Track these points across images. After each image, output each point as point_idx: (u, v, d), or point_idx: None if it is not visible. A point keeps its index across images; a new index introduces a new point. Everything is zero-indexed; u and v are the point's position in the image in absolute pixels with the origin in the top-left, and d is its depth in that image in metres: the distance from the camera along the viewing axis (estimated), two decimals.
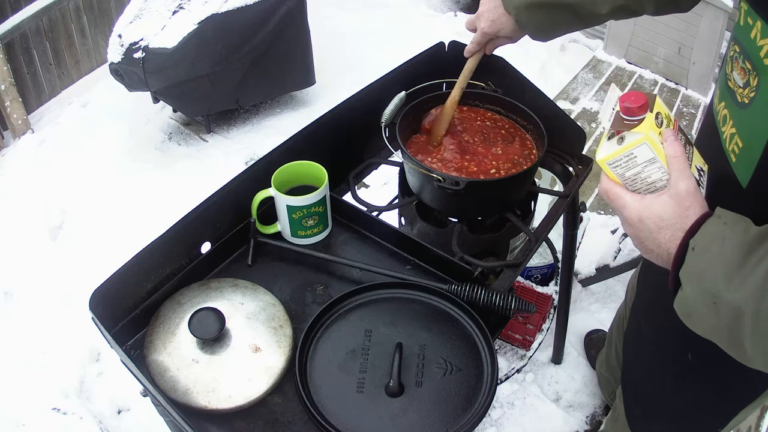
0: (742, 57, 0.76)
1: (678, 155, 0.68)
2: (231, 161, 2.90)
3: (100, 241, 2.50)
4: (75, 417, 1.89)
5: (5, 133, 3.18)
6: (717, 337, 0.65)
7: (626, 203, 0.72)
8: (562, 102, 3.29)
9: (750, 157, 0.77)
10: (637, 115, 0.69)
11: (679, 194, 0.67)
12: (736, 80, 0.78)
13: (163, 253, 1.00)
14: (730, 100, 0.80)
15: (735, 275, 0.60)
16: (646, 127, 0.69)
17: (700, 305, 0.64)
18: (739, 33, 0.78)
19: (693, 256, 0.64)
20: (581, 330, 2.11)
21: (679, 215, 0.67)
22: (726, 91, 0.82)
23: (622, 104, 0.69)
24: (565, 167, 1.33)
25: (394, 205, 1.31)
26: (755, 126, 0.75)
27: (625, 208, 0.72)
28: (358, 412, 0.88)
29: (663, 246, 0.68)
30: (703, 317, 0.65)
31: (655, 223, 0.69)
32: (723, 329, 0.63)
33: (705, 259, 0.63)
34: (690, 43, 3.25)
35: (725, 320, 0.62)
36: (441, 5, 4.31)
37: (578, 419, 1.91)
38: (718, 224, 0.64)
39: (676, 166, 0.68)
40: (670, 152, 0.69)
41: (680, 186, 0.67)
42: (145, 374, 0.91)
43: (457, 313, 1.00)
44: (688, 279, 0.65)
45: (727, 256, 0.61)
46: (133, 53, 2.64)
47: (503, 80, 1.31)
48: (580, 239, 2.07)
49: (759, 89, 0.73)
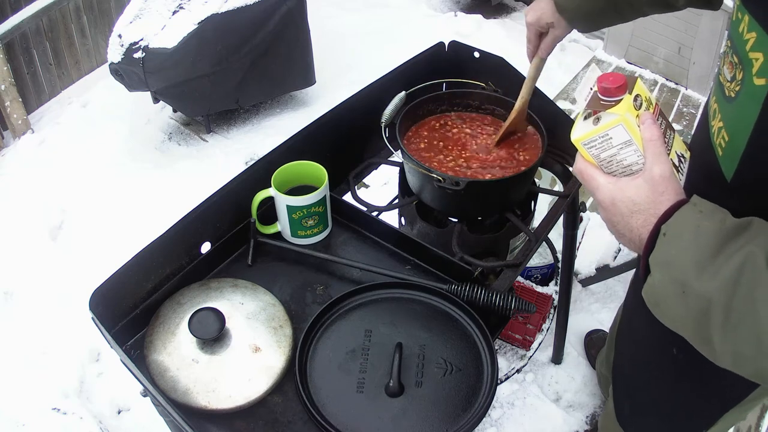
0: (731, 51, 0.76)
1: (654, 139, 0.67)
2: (231, 161, 2.90)
3: (100, 241, 2.50)
4: (75, 417, 1.89)
5: (5, 133, 3.18)
6: (685, 329, 0.63)
7: (599, 185, 0.70)
8: (562, 102, 3.28)
9: (734, 151, 0.75)
10: (614, 95, 0.68)
11: (653, 178, 0.65)
12: (725, 74, 0.77)
13: (163, 253, 1.00)
14: (720, 94, 0.80)
15: (707, 265, 0.58)
16: (623, 109, 0.67)
17: (669, 294, 0.62)
18: (731, 28, 0.77)
19: (664, 242, 0.62)
20: (581, 330, 2.11)
21: (653, 200, 0.65)
22: (717, 86, 0.81)
23: (600, 84, 0.68)
24: (565, 167, 1.33)
25: (394, 205, 1.31)
26: (739, 119, 0.74)
27: (598, 189, 0.70)
28: (358, 412, 0.88)
29: (635, 231, 0.67)
30: (671, 307, 0.63)
31: (628, 207, 0.67)
32: (691, 321, 0.61)
33: (676, 246, 0.61)
34: (690, 43, 3.25)
35: (693, 312, 0.60)
36: (441, 5, 4.31)
37: (578, 419, 1.91)
38: (693, 212, 0.62)
39: (652, 150, 0.67)
40: (646, 135, 0.67)
41: (655, 170, 0.66)
42: (145, 374, 0.91)
43: (457, 313, 1.00)
44: (657, 265, 0.63)
45: (701, 244, 0.59)
46: (133, 53, 2.63)
47: (503, 80, 1.31)
48: (580, 239, 2.07)
49: (743, 83, 0.72)
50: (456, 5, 4.30)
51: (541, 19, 1.07)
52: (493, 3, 4.18)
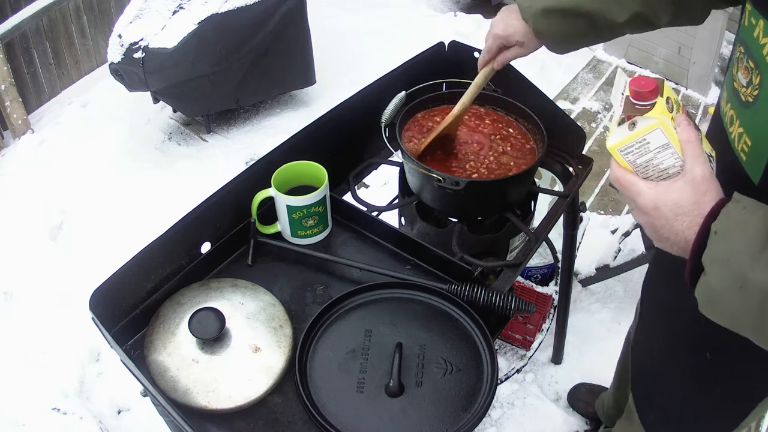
0: (746, 57, 0.76)
1: (692, 140, 0.67)
2: (231, 161, 2.90)
3: (100, 241, 2.50)
4: (75, 417, 1.89)
5: (5, 133, 3.18)
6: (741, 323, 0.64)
7: (640, 191, 0.70)
8: (562, 102, 3.29)
9: (760, 154, 0.76)
10: (647, 99, 0.67)
11: (695, 180, 0.66)
12: (740, 80, 0.78)
13: (163, 253, 1.00)
14: (735, 101, 0.80)
15: (759, 258, 0.60)
16: (659, 112, 0.67)
17: (726, 290, 0.63)
18: (743, 33, 0.78)
19: (715, 240, 0.63)
20: (581, 330, 2.11)
21: (696, 201, 0.66)
22: (732, 93, 0.82)
23: (632, 88, 0.67)
24: (565, 167, 1.33)
25: (394, 205, 1.31)
26: (762, 123, 0.75)
27: (639, 195, 0.70)
28: (358, 412, 0.88)
29: (680, 233, 0.67)
30: (728, 303, 0.64)
31: (672, 210, 0.67)
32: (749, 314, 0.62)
33: (729, 243, 0.62)
34: (690, 43, 3.25)
35: (752, 304, 0.61)
36: (441, 5, 4.31)
37: (578, 419, 1.91)
38: (737, 208, 0.63)
39: (691, 152, 0.67)
40: (684, 137, 0.67)
41: (696, 171, 0.66)
42: (145, 374, 0.91)
43: (457, 313, 1.00)
44: (713, 263, 0.64)
45: (751, 238, 0.61)
46: (133, 53, 2.63)
47: (503, 80, 1.31)
48: (580, 239, 2.07)
49: (762, 87, 0.73)
50: (456, 5, 4.30)
51: (512, 36, 1.07)
52: (493, 3, 4.18)
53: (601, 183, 2.80)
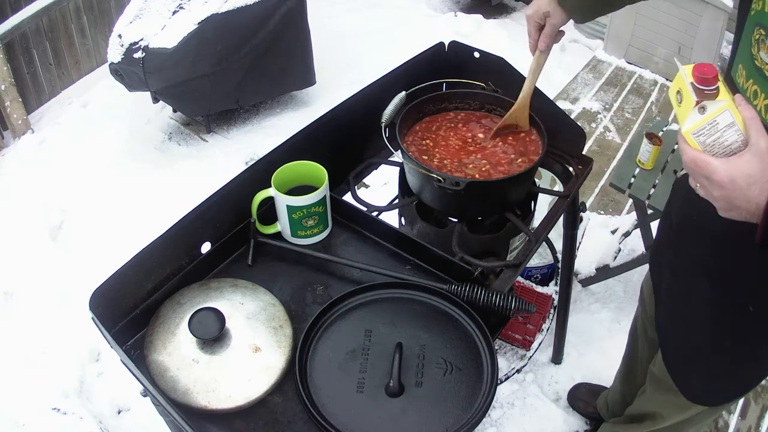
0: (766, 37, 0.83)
1: (755, 116, 0.74)
2: (231, 161, 2.90)
3: (100, 241, 2.50)
4: (75, 417, 1.89)
5: (5, 133, 3.18)
6: None
7: (715, 168, 0.76)
8: (562, 102, 3.29)
9: None
10: (712, 84, 0.74)
11: (761, 151, 0.73)
12: (763, 59, 0.85)
13: (163, 253, 1.00)
14: (759, 77, 0.87)
15: None
16: (724, 95, 0.74)
17: None
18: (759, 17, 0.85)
19: None
20: (581, 330, 2.11)
21: (764, 170, 0.73)
22: (754, 70, 0.88)
23: (696, 76, 0.74)
24: (565, 167, 1.33)
25: (394, 205, 1.31)
26: None
27: (714, 172, 0.76)
28: (358, 412, 0.88)
29: (753, 200, 0.74)
30: None
31: (745, 181, 0.74)
32: None
33: None
34: (690, 43, 3.25)
35: None
36: (441, 5, 4.31)
37: (578, 419, 1.91)
38: None
39: (755, 126, 0.74)
40: (747, 114, 0.74)
41: (761, 144, 0.73)
42: (145, 374, 0.91)
43: (457, 313, 1.00)
44: None
45: None
46: (133, 53, 2.64)
47: (503, 80, 1.31)
48: (580, 239, 2.07)
49: None
50: (456, 5, 4.30)
51: (539, 9, 1.12)
52: (493, 3, 4.18)
53: (601, 183, 2.80)
